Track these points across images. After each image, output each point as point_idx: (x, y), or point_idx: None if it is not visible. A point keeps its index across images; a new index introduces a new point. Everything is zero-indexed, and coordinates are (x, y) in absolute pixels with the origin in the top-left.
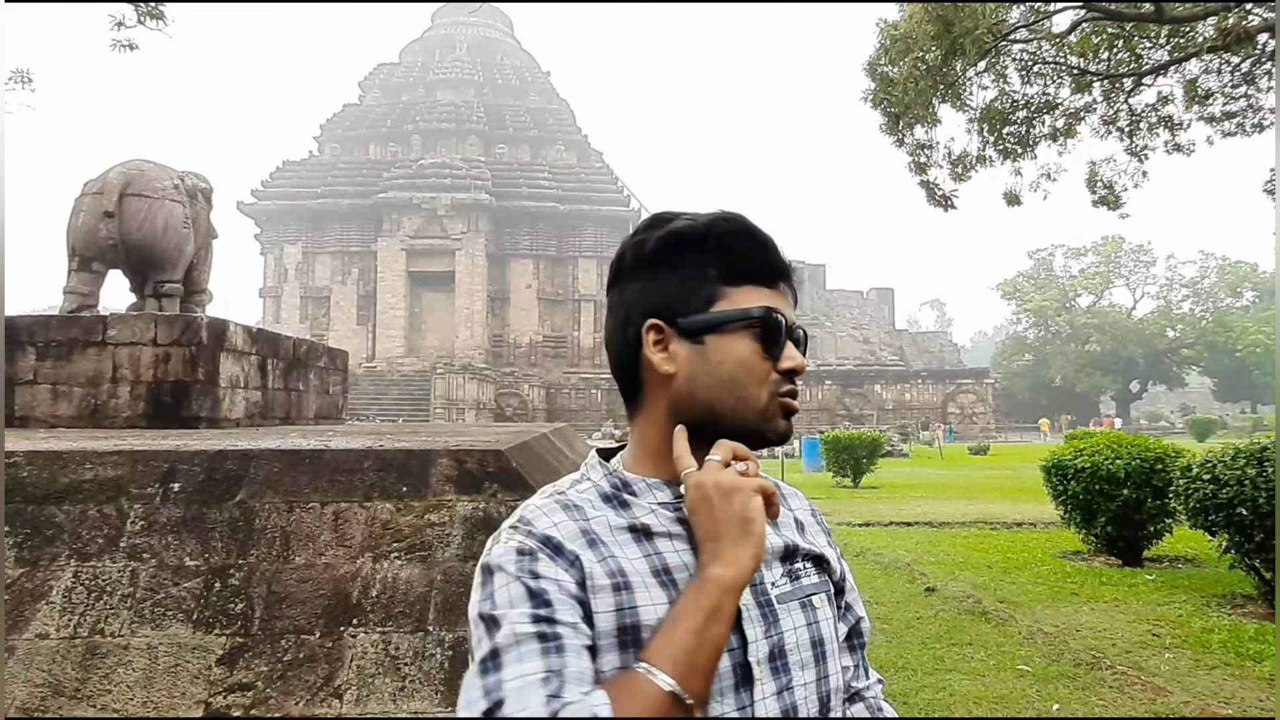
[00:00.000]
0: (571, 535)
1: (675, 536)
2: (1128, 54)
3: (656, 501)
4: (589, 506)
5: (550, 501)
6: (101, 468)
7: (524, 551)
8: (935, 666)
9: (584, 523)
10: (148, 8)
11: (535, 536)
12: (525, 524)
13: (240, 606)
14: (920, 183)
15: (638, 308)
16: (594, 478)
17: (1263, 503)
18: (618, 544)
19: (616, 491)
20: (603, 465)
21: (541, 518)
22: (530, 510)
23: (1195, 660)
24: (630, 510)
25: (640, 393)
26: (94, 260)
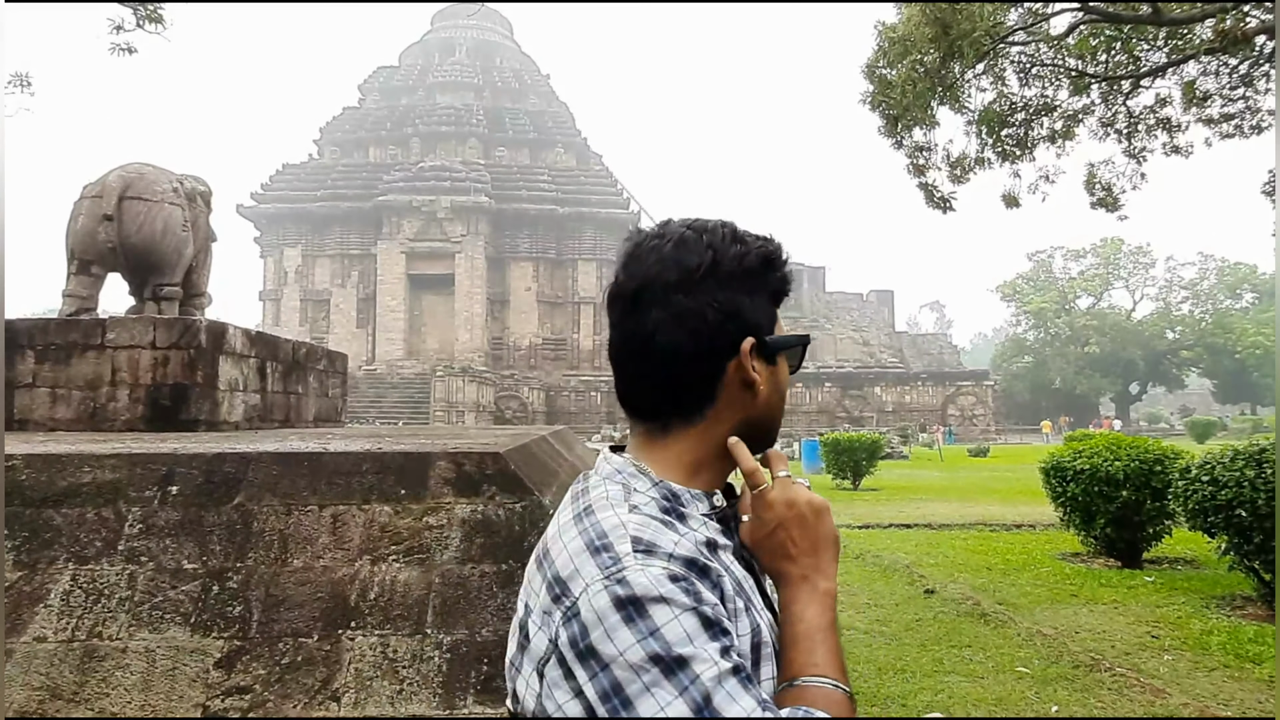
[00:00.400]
0: (693, 553)
1: (725, 548)
2: (1126, 56)
3: (701, 513)
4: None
5: (647, 519)
6: (100, 471)
7: (678, 578)
8: (934, 668)
9: (686, 540)
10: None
11: (678, 559)
12: (649, 546)
13: (238, 609)
14: (919, 184)
15: (736, 320)
16: (641, 488)
17: (1261, 504)
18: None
19: (670, 504)
20: (645, 474)
21: (661, 535)
22: (637, 528)
23: (1194, 662)
24: (687, 523)
25: (708, 405)
26: (93, 263)
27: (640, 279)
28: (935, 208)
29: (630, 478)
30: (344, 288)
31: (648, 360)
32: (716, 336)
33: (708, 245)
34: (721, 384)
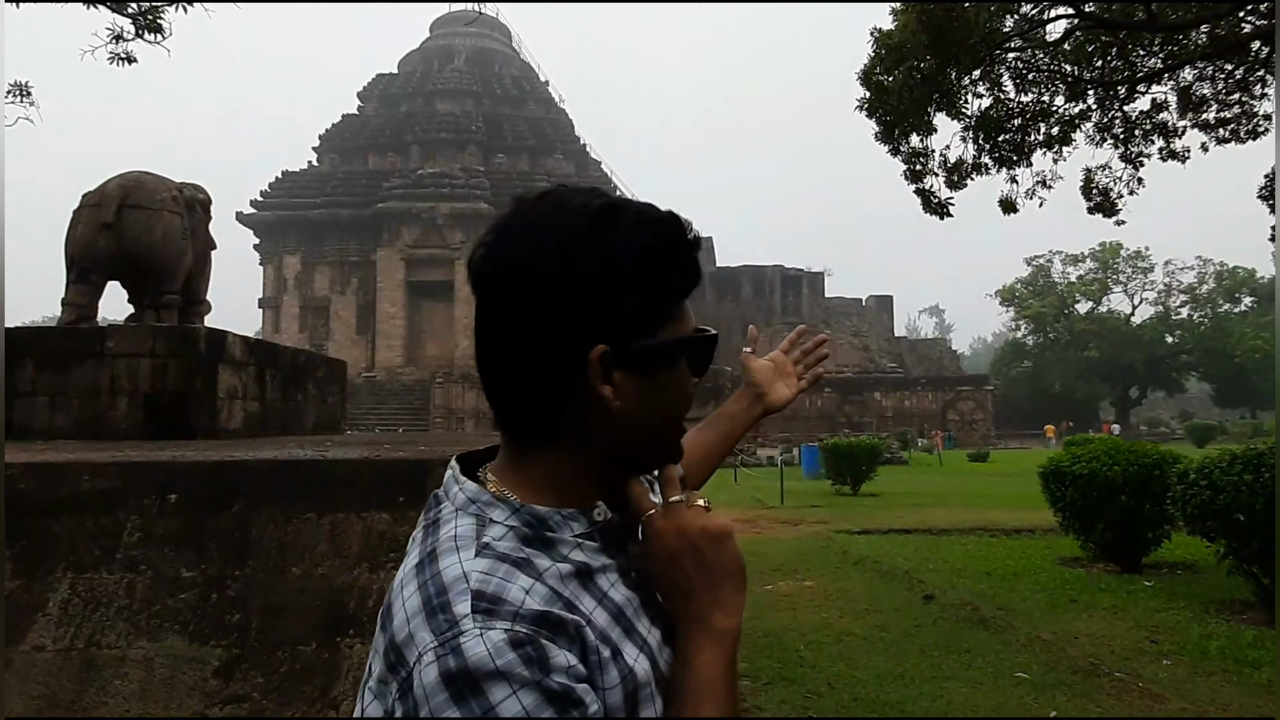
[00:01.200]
0: (548, 601)
1: (608, 569)
2: (1122, 62)
3: (575, 535)
4: (525, 558)
5: (495, 562)
6: (98, 479)
7: (521, 642)
8: (933, 674)
9: (542, 582)
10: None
11: (525, 617)
12: (492, 602)
13: (236, 618)
14: (916, 190)
15: (579, 325)
16: (499, 518)
17: (1260, 509)
18: (575, 598)
19: (535, 532)
20: (503, 502)
21: (511, 583)
22: (481, 580)
23: (1193, 667)
24: (557, 550)
25: (559, 423)
26: (92, 272)
27: (489, 265)
28: (932, 213)
29: (486, 507)
30: (343, 295)
31: (495, 368)
32: (561, 344)
33: (563, 230)
34: (578, 399)
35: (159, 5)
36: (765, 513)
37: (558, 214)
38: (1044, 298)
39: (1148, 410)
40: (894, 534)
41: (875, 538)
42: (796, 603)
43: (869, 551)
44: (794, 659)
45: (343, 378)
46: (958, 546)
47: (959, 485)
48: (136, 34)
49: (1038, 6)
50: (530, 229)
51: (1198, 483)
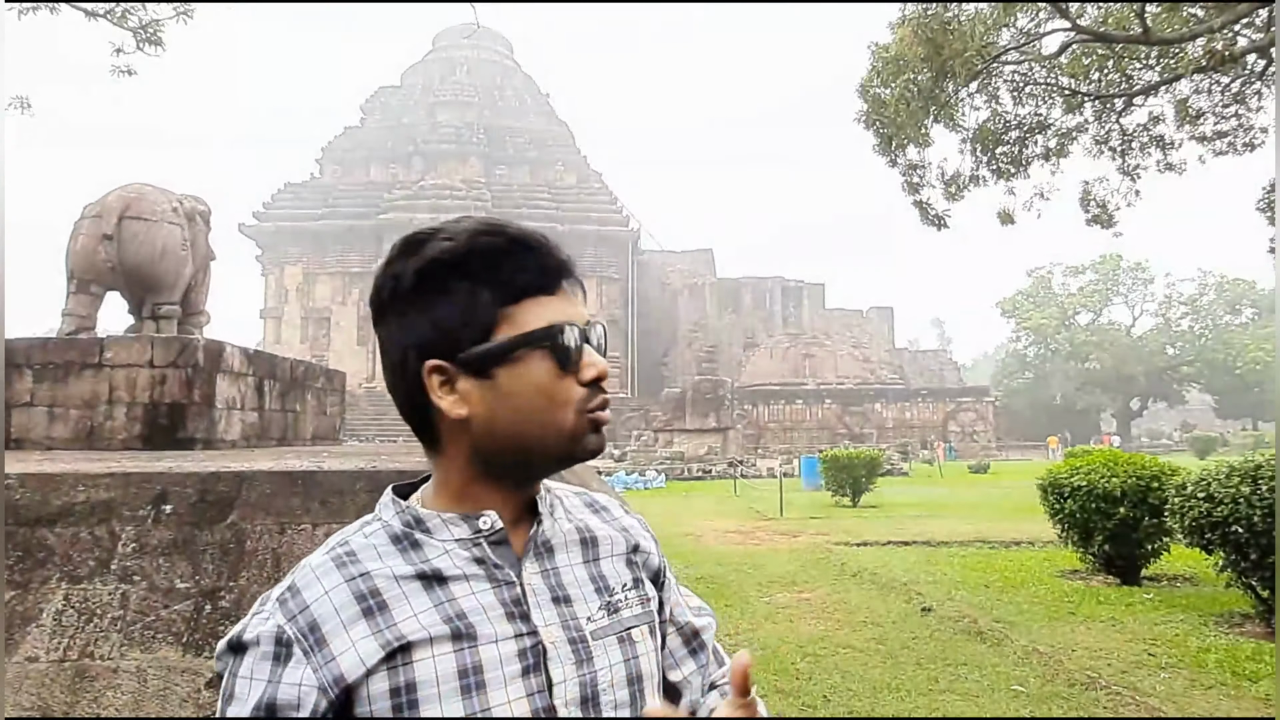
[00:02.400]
0: (345, 604)
1: (472, 578)
2: (1118, 75)
3: (453, 539)
4: (372, 556)
5: (327, 560)
6: (94, 490)
7: (280, 640)
8: (930, 687)
9: (363, 581)
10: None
11: (299, 622)
12: (294, 594)
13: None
14: (914, 202)
15: (412, 348)
16: (385, 517)
17: (1258, 521)
18: (404, 598)
19: (409, 530)
20: (396, 503)
21: (313, 585)
22: (303, 575)
23: (1191, 680)
24: (421, 551)
25: (436, 436)
26: (92, 283)
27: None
28: (930, 225)
29: (382, 506)
30: (345, 305)
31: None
32: (403, 367)
33: (381, 270)
34: (433, 414)
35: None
36: (764, 524)
37: (389, 253)
38: (1045, 309)
39: (1149, 421)
40: (893, 546)
41: (874, 549)
42: (794, 615)
43: (868, 563)
44: (791, 671)
45: (342, 388)
46: (957, 558)
47: (959, 497)
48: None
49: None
50: (378, 273)
51: (1195, 495)
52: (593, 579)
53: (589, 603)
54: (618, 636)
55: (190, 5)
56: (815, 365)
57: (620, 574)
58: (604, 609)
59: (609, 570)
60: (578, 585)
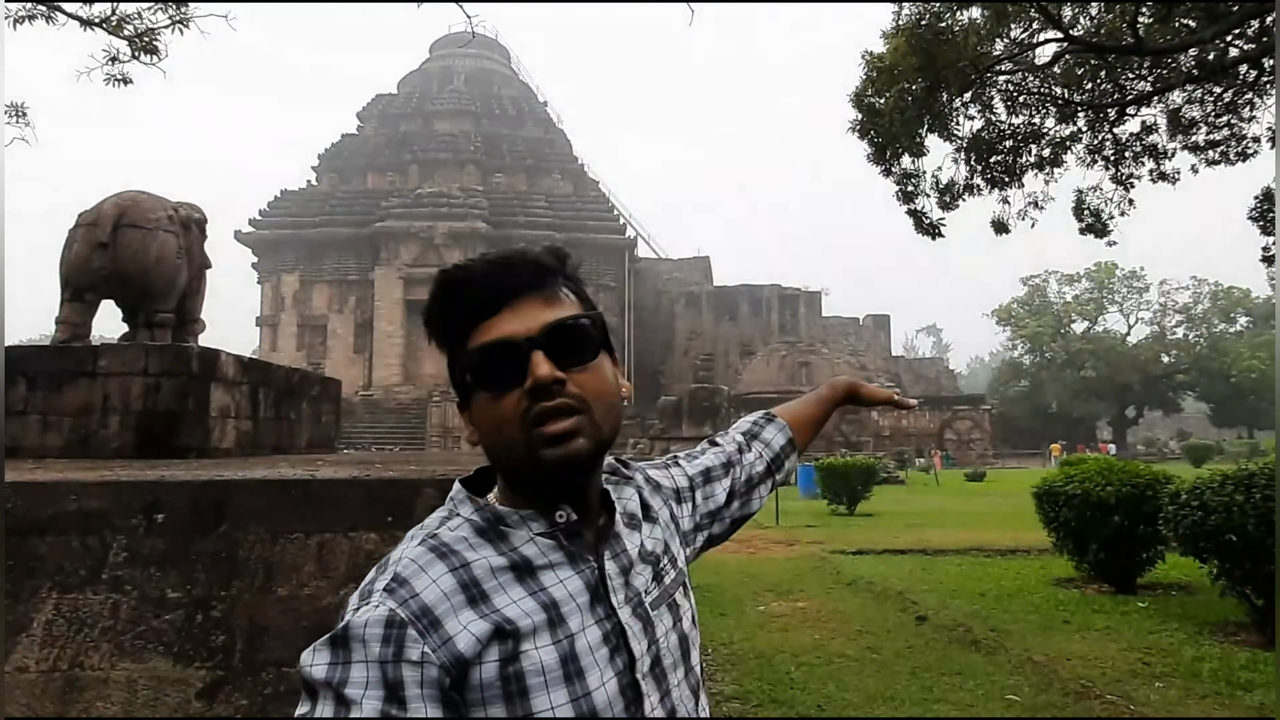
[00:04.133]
0: (452, 591)
1: (557, 566)
2: (1111, 85)
3: (534, 533)
4: (466, 547)
5: (425, 551)
6: (85, 499)
7: (394, 623)
8: (923, 697)
9: (463, 571)
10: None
11: (411, 606)
12: (400, 584)
13: (221, 639)
14: (908, 211)
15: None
16: (464, 513)
17: (1252, 529)
18: (501, 589)
19: (491, 524)
20: (472, 500)
21: (419, 575)
22: (405, 566)
23: (1186, 689)
24: (508, 542)
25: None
26: (87, 291)
27: None
28: (925, 234)
29: (457, 503)
30: (341, 313)
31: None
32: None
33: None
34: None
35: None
36: (760, 532)
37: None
38: (1040, 317)
39: (1145, 429)
40: (888, 554)
41: (870, 558)
42: (789, 623)
43: (863, 572)
44: (785, 681)
45: (337, 396)
46: (952, 567)
47: (955, 505)
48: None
49: (1027, 30)
50: None
51: (1189, 503)
52: (643, 554)
53: (644, 576)
54: (666, 604)
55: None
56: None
57: (657, 540)
58: (654, 579)
59: (650, 540)
60: (636, 563)
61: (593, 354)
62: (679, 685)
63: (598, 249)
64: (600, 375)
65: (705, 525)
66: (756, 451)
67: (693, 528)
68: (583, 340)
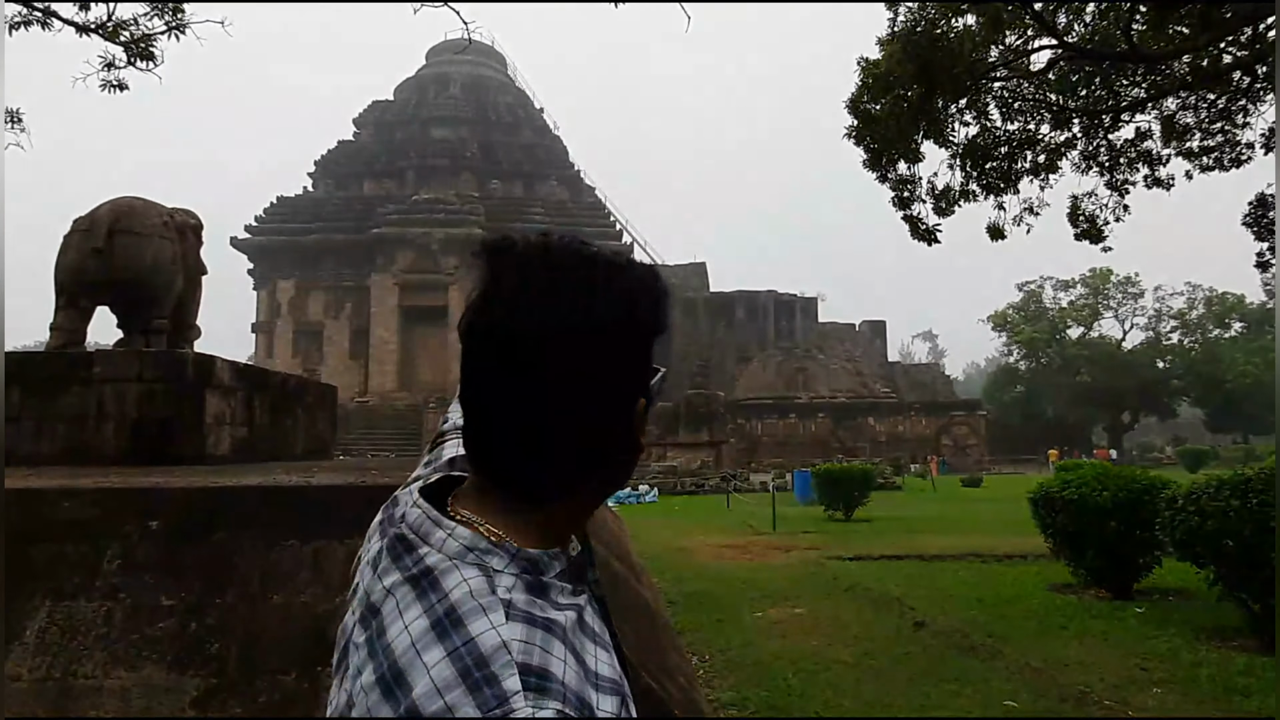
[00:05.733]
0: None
1: (586, 606)
2: (1105, 91)
3: (555, 574)
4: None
5: (528, 628)
6: (80, 506)
7: None
8: (921, 704)
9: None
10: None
11: (572, 698)
12: (540, 677)
13: (216, 647)
14: (904, 217)
15: (639, 380)
16: (500, 567)
17: (1248, 534)
18: (584, 646)
19: (532, 578)
20: (500, 548)
21: (551, 659)
22: (523, 651)
23: (1183, 695)
24: (551, 596)
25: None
26: (81, 297)
27: (531, 324)
28: (921, 240)
29: (484, 555)
30: (337, 320)
31: (539, 432)
32: (628, 402)
33: (625, 292)
34: (618, 451)
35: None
36: (757, 538)
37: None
38: (1036, 323)
39: (1140, 435)
40: (885, 560)
41: (867, 564)
42: (787, 630)
43: (860, 578)
44: (782, 688)
45: (333, 403)
46: (949, 573)
47: (951, 511)
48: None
49: (1022, 37)
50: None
51: (1186, 509)
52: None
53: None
54: None
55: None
56: (808, 379)
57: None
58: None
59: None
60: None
61: None
62: None
63: None
64: None
65: None
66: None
67: None
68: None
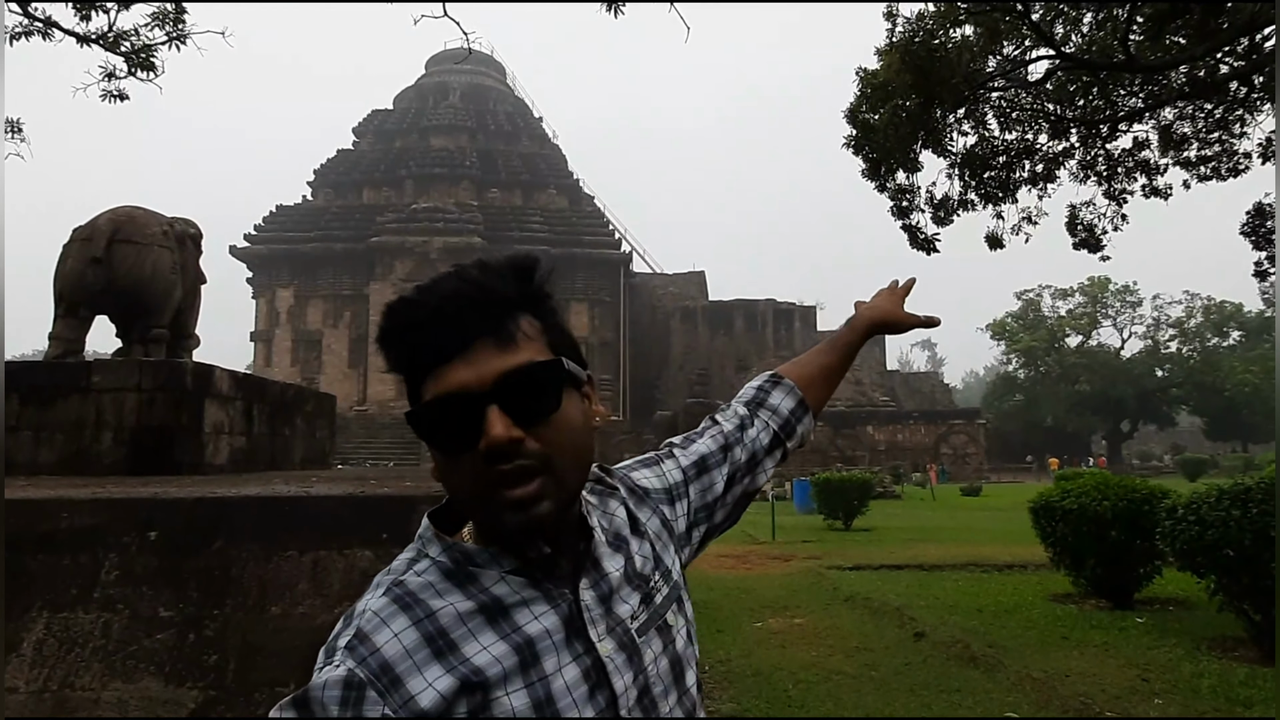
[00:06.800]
0: (415, 646)
1: (531, 602)
2: (1103, 101)
3: (504, 569)
4: (432, 594)
5: (388, 602)
6: (78, 516)
7: (352, 684)
8: (922, 714)
9: (429, 622)
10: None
11: (370, 664)
12: (361, 640)
13: (214, 659)
14: (903, 226)
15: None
16: (432, 553)
17: (1249, 544)
18: (470, 635)
19: (459, 565)
20: (440, 539)
21: (380, 630)
22: (368, 620)
23: (1185, 706)
24: (478, 582)
25: None
26: (81, 306)
27: None
28: (919, 249)
29: (426, 543)
30: (336, 328)
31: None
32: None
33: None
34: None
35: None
36: (757, 548)
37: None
38: (1034, 331)
39: (1140, 444)
40: (885, 570)
41: (867, 574)
42: (786, 640)
43: (860, 588)
44: (783, 699)
45: (332, 412)
46: (949, 582)
47: (951, 520)
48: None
49: (1019, 47)
50: None
51: (1186, 518)
52: (629, 577)
53: (629, 602)
54: (656, 627)
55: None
56: None
57: (646, 558)
58: (642, 603)
59: (639, 559)
60: (622, 587)
61: (555, 402)
62: (671, 711)
63: (593, 264)
64: (565, 424)
65: (703, 520)
66: (762, 421)
67: (688, 526)
68: (543, 388)
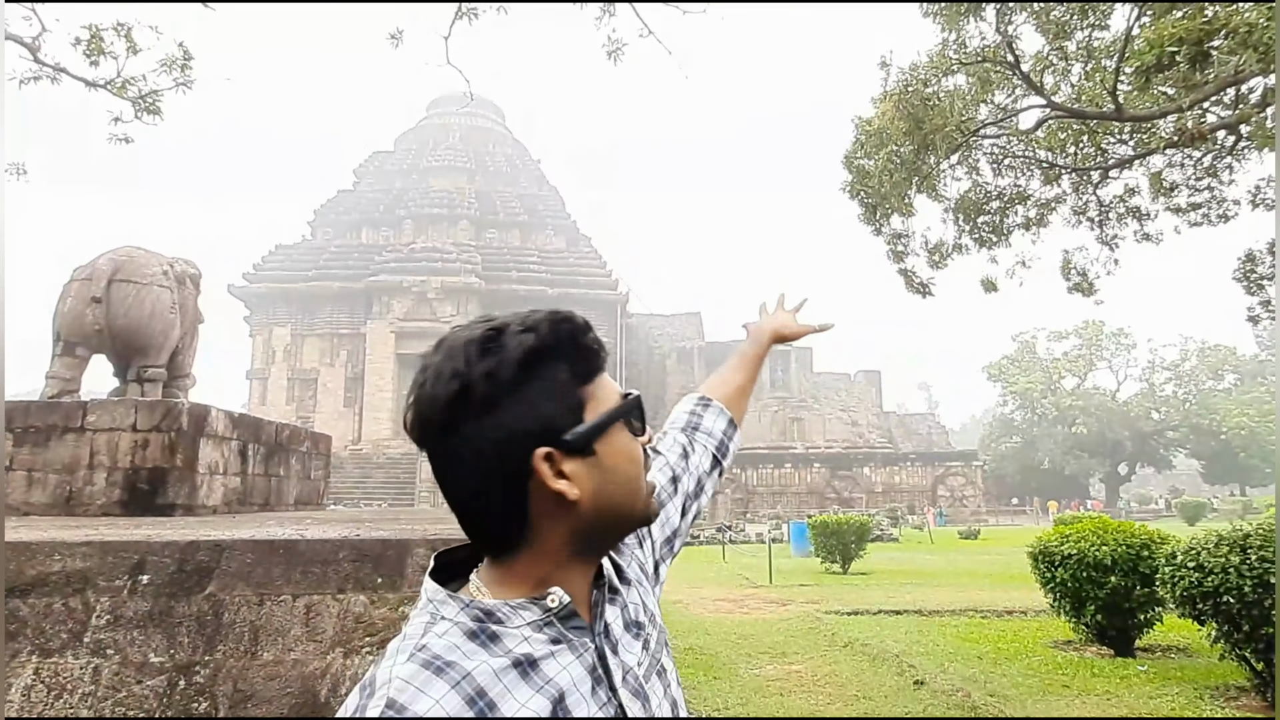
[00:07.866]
0: (459, 710)
1: (558, 654)
2: (1093, 149)
3: (526, 624)
4: (461, 656)
5: (418, 668)
6: (69, 559)
7: None
8: None
9: (466, 684)
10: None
11: None
12: (399, 711)
13: (204, 706)
14: (898, 270)
15: (516, 441)
16: (449, 614)
17: (1249, 591)
18: (508, 691)
19: (482, 625)
20: (454, 599)
21: (419, 698)
22: (399, 689)
23: None
24: (503, 642)
25: (528, 530)
26: (79, 345)
27: (417, 420)
28: (915, 293)
29: (440, 605)
30: (332, 367)
31: (452, 501)
32: (503, 464)
33: (453, 374)
34: (531, 506)
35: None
36: (754, 592)
37: (450, 358)
38: (1030, 374)
39: (1138, 486)
40: (884, 615)
41: (865, 619)
42: (784, 688)
43: (859, 633)
44: None
45: (327, 452)
46: (949, 628)
47: (950, 564)
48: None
49: (1010, 96)
50: (435, 382)
51: (1185, 564)
52: (627, 624)
53: (634, 648)
54: (655, 671)
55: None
56: (803, 429)
57: (637, 604)
58: (643, 648)
59: (632, 606)
60: (623, 635)
61: None
62: None
63: (590, 304)
64: None
65: (666, 555)
66: (701, 445)
67: (655, 564)
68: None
